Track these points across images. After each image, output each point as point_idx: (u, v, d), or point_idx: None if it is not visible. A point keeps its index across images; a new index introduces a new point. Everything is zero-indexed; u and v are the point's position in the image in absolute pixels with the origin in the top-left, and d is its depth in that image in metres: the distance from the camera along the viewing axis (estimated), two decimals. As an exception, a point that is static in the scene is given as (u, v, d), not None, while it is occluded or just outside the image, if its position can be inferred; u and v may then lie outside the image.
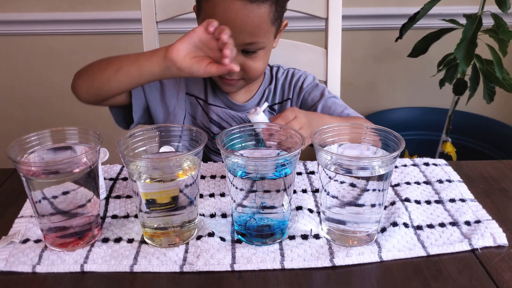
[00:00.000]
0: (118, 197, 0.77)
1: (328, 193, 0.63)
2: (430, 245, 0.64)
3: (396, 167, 0.84)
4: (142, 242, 0.66)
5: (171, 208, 0.64)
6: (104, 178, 0.82)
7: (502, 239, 0.65)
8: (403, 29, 1.57)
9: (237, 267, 0.61)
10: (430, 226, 0.68)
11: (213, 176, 0.83)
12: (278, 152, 0.67)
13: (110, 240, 0.66)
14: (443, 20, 1.59)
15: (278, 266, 0.61)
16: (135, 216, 0.72)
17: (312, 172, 0.84)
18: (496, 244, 0.64)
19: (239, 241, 0.66)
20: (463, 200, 0.74)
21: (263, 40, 0.89)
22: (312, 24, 1.57)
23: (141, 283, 0.59)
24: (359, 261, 0.62)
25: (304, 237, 0.66)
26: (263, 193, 0.62)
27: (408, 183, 0.79)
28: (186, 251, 0.64)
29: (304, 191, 0.78)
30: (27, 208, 0.73)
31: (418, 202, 0.74)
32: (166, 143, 0.69)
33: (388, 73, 1.95)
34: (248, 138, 0.68)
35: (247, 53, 0.90)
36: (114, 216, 0.72)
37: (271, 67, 1.07)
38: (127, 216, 0.72)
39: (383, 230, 0.67)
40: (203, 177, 0.82)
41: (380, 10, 1.80)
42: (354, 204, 0.62)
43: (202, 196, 0.77)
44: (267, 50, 0.93)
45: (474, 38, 1.43)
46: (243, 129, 0.67)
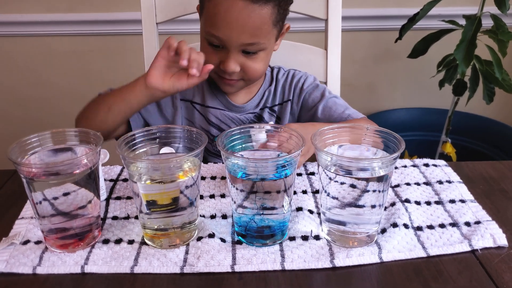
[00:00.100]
0: (118, 198, 0.77)
1: (328, 194, 0.63)
2: (430, 246, 0.64)
3: (396, 168, 0.84)
4: (143, 243, 0.66)
5: (171, 209, 0.64)
6: (105, 179, 0.82)
7: (502, 240, 0.65)
8: (403, 30, 1.57)
9: (237, 268, 0.61)
10: (430, 227, 0.68)
11: (213, 177, 0.83)
12: (279, 153, 0.67)
13: (111, 241, 0.66)
14: (443, 21, 1.60)
15: (278, 267, 0.61)
16: (136, 217, 0.72)
17: (312, 173, 0.84)
18: (496, 245, 0.64)
19: (240, 242, 0.66)
20: (463, 201, 0.74)
21: (264, 41, 0.89)
22: (312, 25, 1.57)
23: (141, 284, 0.59)
24: (359, 262, 0.62)
25: (305, 238, 0.66)
26: (263, 194, 0.62)
27: (408, 184, 0.79)
28: (187, 252, 0.64)
29: (304, 192, 0.78)
30: (28, 210, 0.73)
31: (418, 203, 0.74)
32: (166, 144, 0.69)
33: (388, 74, 1.95)
34: (248, 140, 0.68)
35: (248, 53, 0.90)
36: (115, 217, 0.72)
37: (272, 68, 1.07)
38: (127, 217, 0.72)
39: (383, 231, 0.67)
40: (203, 178, 0.82)
41: (380, 11, 1.80)
42: (354, 205, 0.62)
43: (202, 197, 0.77)
44: (268, 52, 0.93)
45: (474, 39, 1.43)
46: (243, 130, 0.67)
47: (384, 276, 0.60)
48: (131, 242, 0.66)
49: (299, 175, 0.83)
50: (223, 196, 0.77)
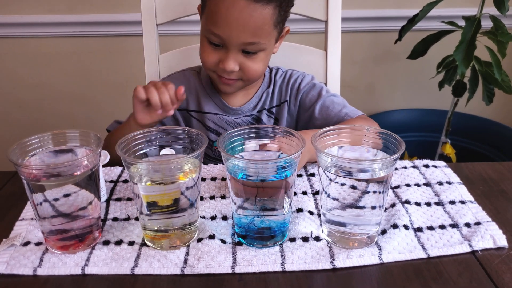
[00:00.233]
0: (118, 199, 0.77)
1: (328, 195, 0.63)
2: (430, 247, 0.65)
3: (396, 169, 0.84)
4: (143, 244, 0.66)
5: (172, 210, 0.64)
6: (105, 181, 0.82)
7: (502, 241, 0.65)
8: (403, 31, 1.57)
9: (238, 269, 0.61)
10: (430, 228, 0.68)
11: (213, 179, 0.83)
12: (279, 154, 0.67)
13: (111, 242, 0.66)
14: (442, 22, 1.60)
15: (278, 268, 0.61)
16: (136, 218, 0.72)
17: (313, 174, 0.84)
18: (496, 246, 0.65)
19: (240, 243, 0.66)
20: (463, 202, 0.75)
21: (264, 42, 0.89)
22: (312, 27, 1.57)
23: (142, 286, 0.59)
24: (359, 263, 0.62)
25: (305, 239, 0.66)
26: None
27: (408, 185, 0.79)
28: (187, 254, 0.64)
29: (304, 193, 0.78)
30: (28, 211, 0.73)
31: (418, 204, 0.74)
32: (166, 145, 0.69)
33: (387, 75, 1.95)
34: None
35: (247, 53, 0.90)
36: (115, 219, 0.72)
37: (271, 70, 1.07)
38: (128, 219, 0.72)
39: (384, 232, 0.67)
40: (203, 179, 0.82)
41: (380, 12, 1.80)
42: (355, 206, 0.62)
43: (202, 198, 0.77)
44: (268, 53, 0.93)
45: (473, 40, 1.44)
46: (243, 131, 0.67)
47: (385, 277, 0.60)
48: (131, 243, 0.66)
49: (299, 176, 0.83)
50: (223, 197, 0.77)
